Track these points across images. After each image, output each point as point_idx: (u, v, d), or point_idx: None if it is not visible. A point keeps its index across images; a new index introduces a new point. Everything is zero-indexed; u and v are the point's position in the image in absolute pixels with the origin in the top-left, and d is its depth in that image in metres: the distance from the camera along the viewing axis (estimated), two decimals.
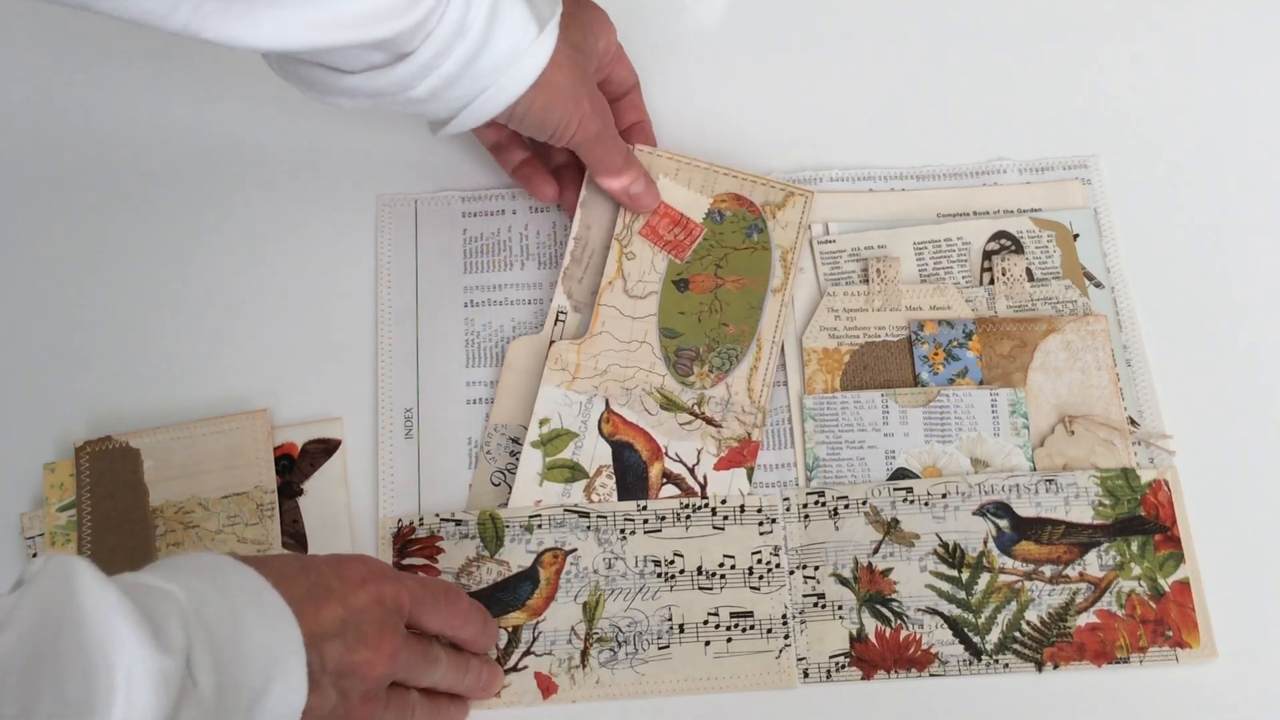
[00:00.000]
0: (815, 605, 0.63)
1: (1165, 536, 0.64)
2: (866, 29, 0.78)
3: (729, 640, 0.62)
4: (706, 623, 0.62)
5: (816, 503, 0.65)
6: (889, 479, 0.65)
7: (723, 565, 0.63)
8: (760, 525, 0.64)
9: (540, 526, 0.64)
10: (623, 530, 0.64)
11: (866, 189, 0.72)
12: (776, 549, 0.64)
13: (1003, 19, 0.78)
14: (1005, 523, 0.64)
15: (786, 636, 0.62)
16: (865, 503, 0.64)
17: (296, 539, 0.64)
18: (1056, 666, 0.61)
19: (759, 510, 0.64)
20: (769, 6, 0.78)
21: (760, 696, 0.61)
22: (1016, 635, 0.62)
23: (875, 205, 0.72)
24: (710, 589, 0.63)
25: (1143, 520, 0.64)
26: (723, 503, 0.64)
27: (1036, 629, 0.62)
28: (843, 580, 0.63)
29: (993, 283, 0.69)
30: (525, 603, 0.63)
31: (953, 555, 0.63)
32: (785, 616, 0.62)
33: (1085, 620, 0.62)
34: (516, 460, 0.65)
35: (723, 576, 0.63)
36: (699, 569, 0.63)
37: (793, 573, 0.63)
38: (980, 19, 0.78)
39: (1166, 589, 0.63)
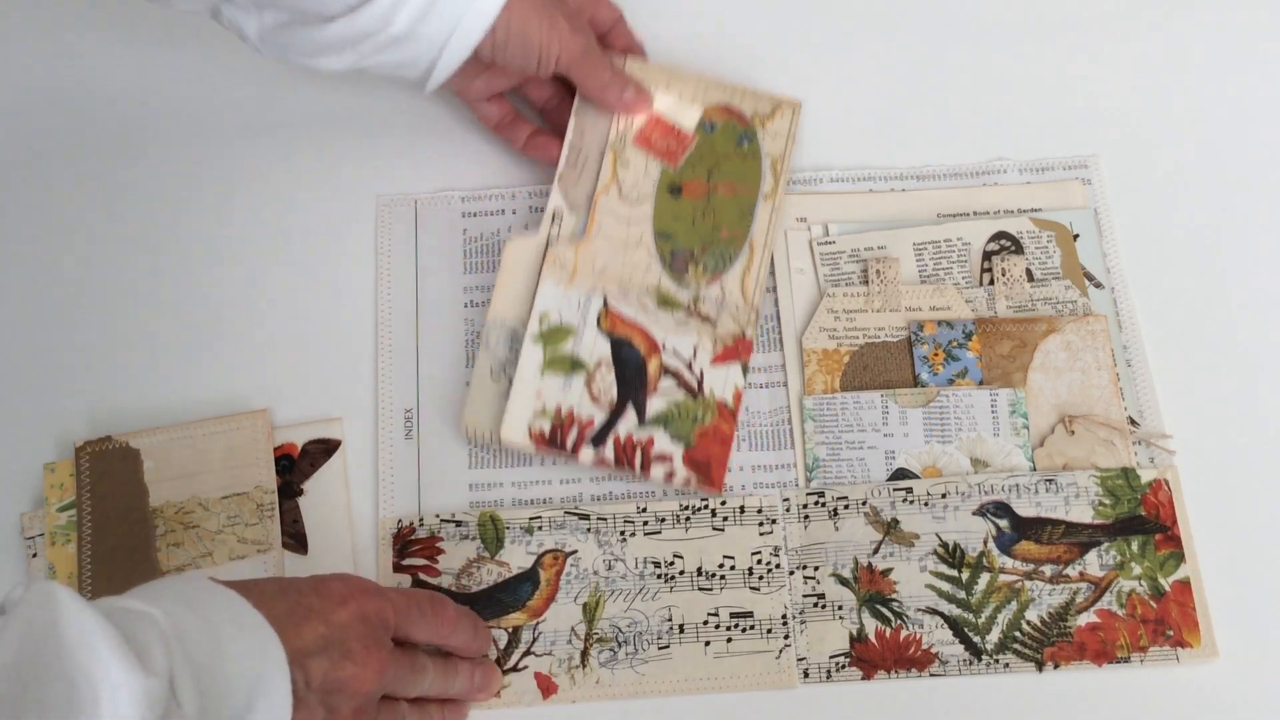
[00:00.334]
0: (815, 605, 0.63)
1: (1165, 536, 0.64)
2: (866, 29, 0.77)
3: (729, 640, 0.62)
4: (706, 623, 0.62)
5: (816, 503, 0.65)
6: (889, 479, 0.65)
7: (722, 566, 0.63)
8: (760, 526, 0.64)
9: (540, 528, 0.64)
10: (623, 532, 0.64)
11: (866, 189, 0.72)
12: (776, 549, 0.64)
13: (1003, 19, 0.77)
14: (1005, 523, 0.64)
15: (786, 637, 0.62)
16: (865, 503, 0.64)
17: (297, 539, 0.64)
18: (1057, 666, 0.61)
19: (759, 511, 0.64)
20: (768, 8, 0.78)
21: (760, 696, 0.61)
22: (1017, 635, 0.62)
23: (875, 205, 0.72)
24: (710, 589, 0.63)
25: (1143, 520, 0.64)
26: (722, 503, 0.64)
27: (1037, 629, 0.62)
28: (843, 580, 0.63)
29: (993, 283, 0.69)
30: (526, 603, 0.63)
31: (953, 555, 0.63)
32: (785, 617, 0.62)
33: (1085, 620, 0.62)
34: (515, 355, 0.65)
35: (722, 577, 0.63)
36: (699, 570, 0.63)
37: (793, 573, 0.63)
38: (980, 19, 0.78)
39: (1167, 589, 0.63)
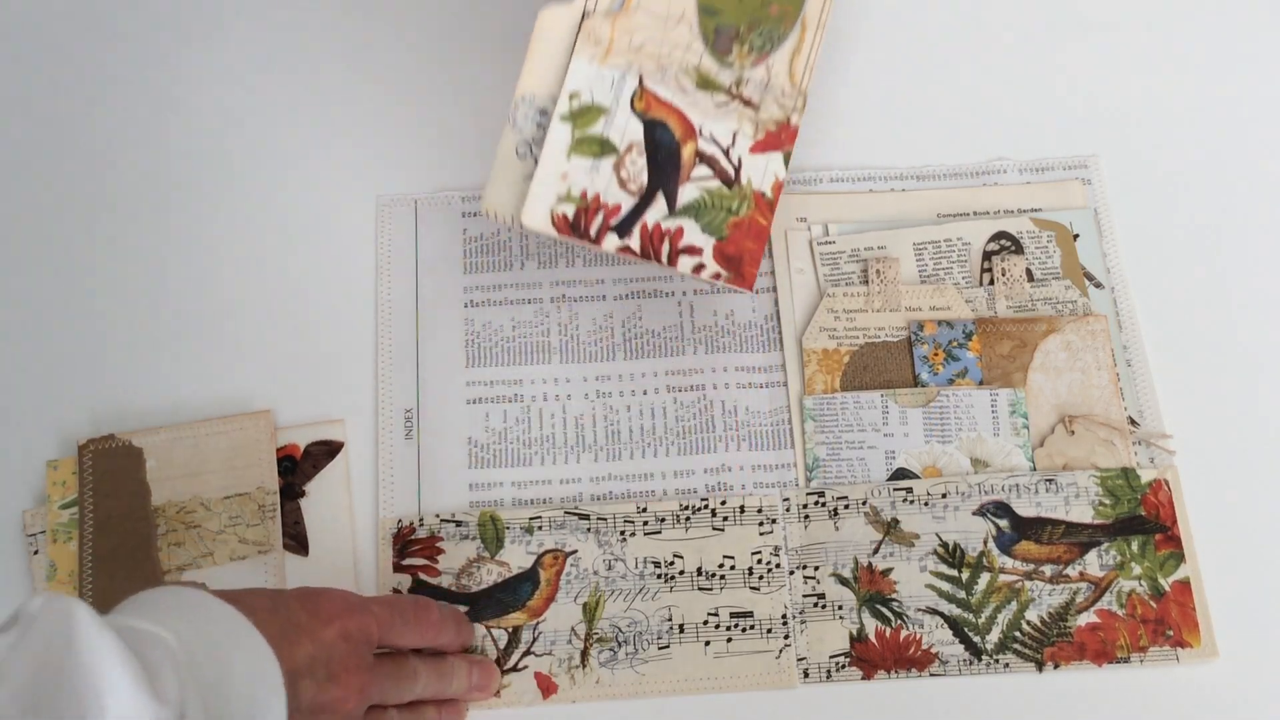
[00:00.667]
0: (815, 605, 0.63)
1: (1165, 536, 0.64)
2: (866, 29, 0.77)
3: (729, 640, 0.62)
4: (706, 623, 0.62)
5: (816, 503, 0.65)
6: (889, 479, 0.65)
7: (722, 566, 0.63)
8: (760, 525, 0.64)
9: (540, 528, 0.64)
10: (623, 532, 0.64)
11: (866, 189, 0.72)
12: (776, 549, 0.64)
13: (1003, 19, 0.77)
14: (1005, 522, 0.64)
15: (786, 636, 0.62)
16: (865, 503, 0.64)
17: (298, 540, 0.64)
18: (1057, 666, 0.61)
19: (759, 510, 0.64)
20: None
21: (760, 696, 0.61)
22: (1017, 635, 0.62)
23: (875, 205, 0.72)
24: (710, 589, 0.63)
25: (1143, 520, 0.64)
26: (722, 503, 0.64)
27: (1037, 629, 0.62)
28: (843, 580, 0.63)
29: (993, 283, 0.69)
30: (525, 603, 0.63)
31: (953, 555, 0.63)
32: (785, 616, 0.62)
33: (1085, 620, 0.62)
34: (543, 133, 0.60)
35: (722, 577, 0.63)
36: (699, 570, 0.63)
37: (793, 573, 0.63)
38: (980, 19, 0.78)
39: (1167, 588, 0.63)
